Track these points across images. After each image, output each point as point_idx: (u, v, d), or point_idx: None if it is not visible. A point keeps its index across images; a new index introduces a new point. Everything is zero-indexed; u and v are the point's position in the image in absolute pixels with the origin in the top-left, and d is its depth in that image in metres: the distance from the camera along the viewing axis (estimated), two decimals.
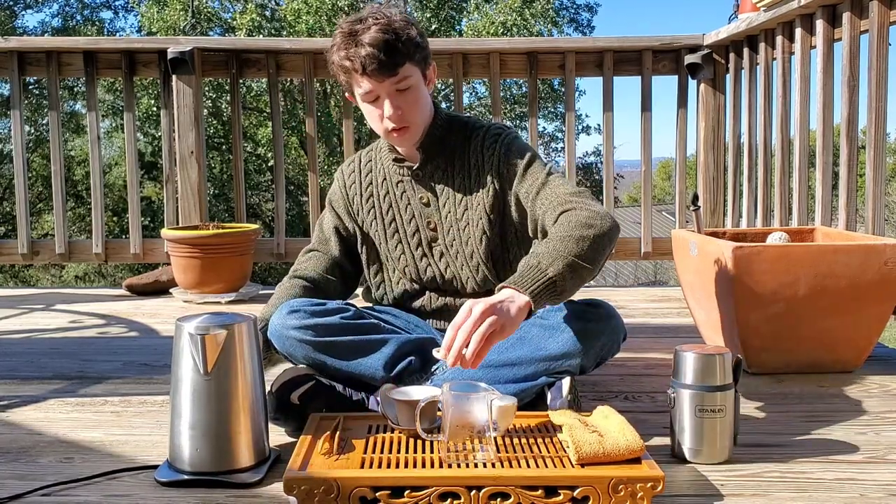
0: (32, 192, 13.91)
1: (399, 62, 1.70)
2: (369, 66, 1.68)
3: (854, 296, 1.99)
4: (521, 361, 1.68)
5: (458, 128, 1.88)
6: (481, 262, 1.85)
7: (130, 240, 3.59)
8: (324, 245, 1.98)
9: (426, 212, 1.88)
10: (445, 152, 1.86)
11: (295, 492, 1.28)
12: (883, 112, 2.39)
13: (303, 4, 14.13)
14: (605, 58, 3.53)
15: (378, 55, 1.67)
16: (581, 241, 1.56)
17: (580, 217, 1.62)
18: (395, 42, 1.68)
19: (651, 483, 1.28)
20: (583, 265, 1.55)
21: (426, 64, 1.79)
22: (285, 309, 1.74)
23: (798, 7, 2.69)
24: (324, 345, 1.70)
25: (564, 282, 1.52)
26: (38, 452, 1.58)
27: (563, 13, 16.19)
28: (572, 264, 1.53)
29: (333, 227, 1.98)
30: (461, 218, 1.85)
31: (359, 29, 1.70)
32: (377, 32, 1.67)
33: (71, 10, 16.96)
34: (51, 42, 4.22)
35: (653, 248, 3.59)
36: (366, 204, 1.93)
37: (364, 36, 1.68)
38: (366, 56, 1.67)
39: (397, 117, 1.75)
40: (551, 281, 1.51)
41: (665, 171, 22.65)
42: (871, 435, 1.64)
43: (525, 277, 1.51)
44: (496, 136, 1.84)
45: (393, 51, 1.68)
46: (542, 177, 1.77)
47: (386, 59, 1.68)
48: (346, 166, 2.00)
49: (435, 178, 1.86)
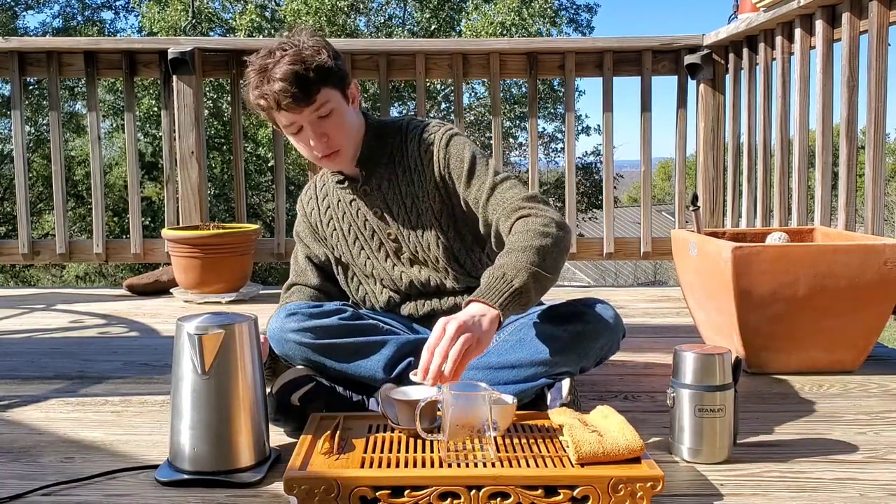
0: (33, 192, 13.92)
1: (313, 91, 1.67)
2: (283, 101, 1.65)
3: (853, 296, 2.00)
4: (521, 364, 1.68)
5: (392, 133, 1.84)
6: (446, 265, 1.83)
7: (131, 240, 3.59)
8: (302, 276, 1.96)
9: (382, 225, 1.86)
10: (384, 161, 1.83)
11: (295, 491, 1.28)
12: (882, 112, 2.39)
13: (303, 5, 14.12)
14: (604, 58, 3.53)
15: (290, 89, 1.64)
16: (541, 251, 1.56)
17: (536, 225, 1.61)
18: (306, 72, 1.65)
19: (651, 483, 1.28)
20: (545, 275, 1.55)
21: (344, 84, 1.74)
22: (283, 312, 1.74)
23: (798, 7, 2.69)
24: (323, 347, 1.70)
25: (529, 292, 1.53)
26: (38, 452, 1.58)
27: (563, 13, 16.18)
28: (535, 274, 1.53)
29: (306, 257, 1.96)
30: (416, 226, 1.83)
31: (269, 64, 1.66)
32: (287, 65, 1.64)
33: (72, 11, 16.96)
34: (51, 42, 4.22)
35: (653, 248, 3.59)
36: (328, 228, 1.92)
37: (275, 70, 1.65)
38: (279, 91, 1.64)
39: (324, 145, 1.73)
40: (518, 292, 1.51)
41: (665, 171, 22.65)
42: (871, 435, 1.65)
43: (493, 290, 1.51)
44: (432, 138, 1.80)
45: (305, 81, 1.65)
46: (489, 180, 1.74)
47: (298, 91, 1.64)
48: (304, 195, 1.98)
49: (383, 189, 1.83)
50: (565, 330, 1.68)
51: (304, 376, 1.70)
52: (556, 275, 1.60)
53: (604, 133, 3.70)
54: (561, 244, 1.61)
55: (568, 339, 1.67)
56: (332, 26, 13.98)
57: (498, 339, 1.76)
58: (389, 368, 1.71)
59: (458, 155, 1.77)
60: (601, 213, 7.10)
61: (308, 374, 1.70)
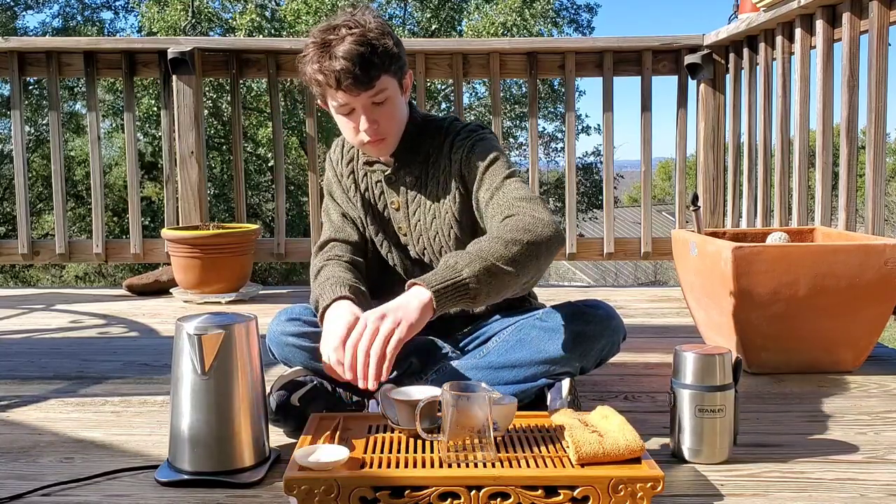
0: (33, 192, 13.90)
1: (374, 76, 1.61)
2: (344, 82, 1.59)
3: (854, 296, 1.99)
4: (522, 363, 1.68)
5: (433, 131, 1.79)
6: None
7: (131, 240, 3.59)
8: (342, 232, 1.85)
9: (396, 217, 1.83)
10: (419, 158, 1.79)
11: (295, 492, 1.28)
12: (882, 112, 2.39)
13: (303, 5, 14.12)
14: (604, 58, 3.53)
15: (353, 70, 1.58)
16: (510, 245, 1.48)
17: (520, 222, 1.54)
18: (371, 55, 1.59)
19: (651, 483, 1.28)
20: (504, 269, 1.46)
21: (402, 73, 1.69)
22: (284, 316, 1.74)
23: (798, 7, 2.69)
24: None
25: (479, 285, 1.43)
26: (38, 452, 1.58)
27: (563, 14, 16.18)
28: (491, 268, 1.44)
29: (341, 215, 1.88)
30: (430, 227, 1.79)
31: (332, 39, 1.60)
32: (352, 44, 1.58)
33: (71, 11, 16.94)
34: (51, 42, 4.22)
35: (653, 249, 3.59)
36: (353, 196, 1.87)
37: (338, 48, 1.58)
38: (340, 70, 1.58)
39: (373, 131, 1.68)
40: (464, 282, 1.42)
41: (665, 171, 22.64)
42: (871, 435, 1.65)
43: (436, 275, 1.44)
44: (465, 139, 1.75)
45: (368, 64, 1.59)
46: (499, 180, 1.68)
47: (361, 74, 1.59)
48: (334, 153, 1.91)
49: (408, 183, 1.80)
50: (566, 330, 1.68)
51: (305, 377, 1.70)
52: (523, 273, 1.50)
53: (604, 133, 3.70)
54: (539, 242, 1.51)
55: (569, 339, 1.67)
56: None
57: (499, 340, 1.77)
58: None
59: (481, 154, 1.72)
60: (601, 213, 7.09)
61: (308, 375, 1.71)
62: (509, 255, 1.47)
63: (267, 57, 3.54)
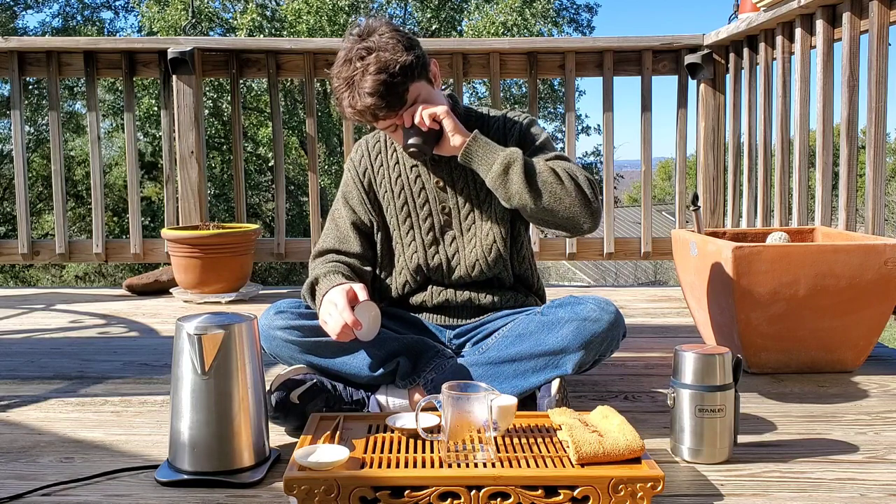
0: (32, 192, 13.92)
1: (403, 91, 1.69)
2: (380, 113, 1.69)
3: (854, 296, 1.99)
4: (522, 357, 1.68)
5: (475, 121, 1.86)
6: (485, 253, 1.82)
7: (131, 240, 3.59)
8: (344, 243, 1.88)
9: (441, 196, 1.85)
10: None
11: (295, 492, 1.28)
12: (883, 112, 2.39)
13: (303, 4, 14.13)
14: (605, 58, 3.53)
15: (381, 102, 1.67)
16: (550, 174, 1.66)
17: (572, 171, 1.69)
18: (392, 78, 1.66)
19: (651, 483, 1.28)
20: (532, 178, 1.65)
21: (427, 71, 1.74)
22: (272, 310, 1.76)
23: (798, 7, 2.69)
24: (309, 345, 1.71)
25: (508, 165, 1.66)
26: (38, 452, 1.58)
27: (564, 13, 16.19)
28: (527, 166, 1.66)
29: (351, 224, 1.89)
30: (477, 203, 1.83)
31: (354, 77, 1.68)
32: (372, 77, 1.65)
33: (71, 11, 16.95)
34: (51, 42, 4.21)
35: (653, 248, 3.59)
36: (379, 189, 1.89)
37: (363, 84, 1.66)
38: (372, 106, 1.67)
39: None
40: (495, 157, 1.68)
41: (665, 171, 22.64)
42: (871, 435, 1.65)
43: (488, 141, 1.71)
44: (519, 118, 1.86)
45: (393, 88, 1.67)
46: (553, 155, 1.77)
47: (392, 99, 1.68)
48: (355, 154, 1.95)
49: (452, 163, 1.82)
50: (566, 322, 1.68)
51: (304, 374, 1.70)
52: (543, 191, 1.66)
53: (604, 133, 3.70)
54: (571, 186, 1.66)
55: (568, 331, 1.67)
56: (333, 26, 13.97)
57: (499, 336, 1.77)
58: (375, 366, 1.72)
59: (534, 134, 1.84)
60: None
61: (308, 372, 1.71)
62: (542, 180, 1.66)
63: (267, 57, 3.54)
